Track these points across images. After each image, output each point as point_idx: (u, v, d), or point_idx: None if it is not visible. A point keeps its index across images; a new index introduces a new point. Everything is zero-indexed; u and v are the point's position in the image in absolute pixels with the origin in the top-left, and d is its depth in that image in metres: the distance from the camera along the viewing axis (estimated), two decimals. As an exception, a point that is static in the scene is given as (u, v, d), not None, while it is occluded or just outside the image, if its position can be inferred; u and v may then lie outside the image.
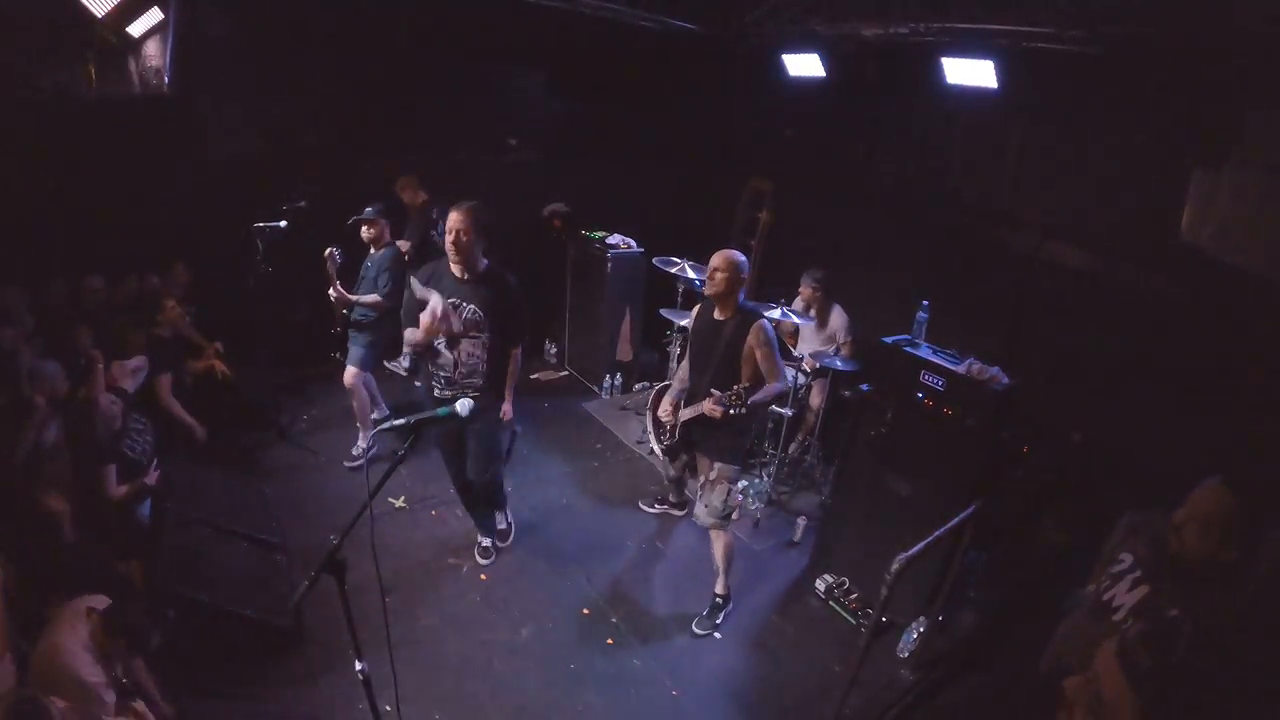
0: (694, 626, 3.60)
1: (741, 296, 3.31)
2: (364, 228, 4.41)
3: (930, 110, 4.99)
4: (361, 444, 4.73)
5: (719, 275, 3.22)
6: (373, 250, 4.49)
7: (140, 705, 2.34)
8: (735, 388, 3.09)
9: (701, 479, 3.56)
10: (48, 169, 4.53)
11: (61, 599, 2.35)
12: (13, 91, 4.48)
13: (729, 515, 3.50)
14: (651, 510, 4.57)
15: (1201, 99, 3.52)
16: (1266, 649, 1.77)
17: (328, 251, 4.23)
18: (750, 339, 3.21)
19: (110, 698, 2.22)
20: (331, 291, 4.32)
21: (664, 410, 3.59)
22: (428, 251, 4.98)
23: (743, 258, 3.28)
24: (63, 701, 1.96)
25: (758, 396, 3.17)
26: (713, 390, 3.16)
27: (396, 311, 3.73)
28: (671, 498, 4.50)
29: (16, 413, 3.09)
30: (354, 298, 4.39)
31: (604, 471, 5.04)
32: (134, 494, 3.39)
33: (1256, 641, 1.78)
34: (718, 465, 3.42)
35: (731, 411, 3.08)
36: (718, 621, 3.63)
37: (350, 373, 4.50)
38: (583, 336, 6.32)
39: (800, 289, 4.87)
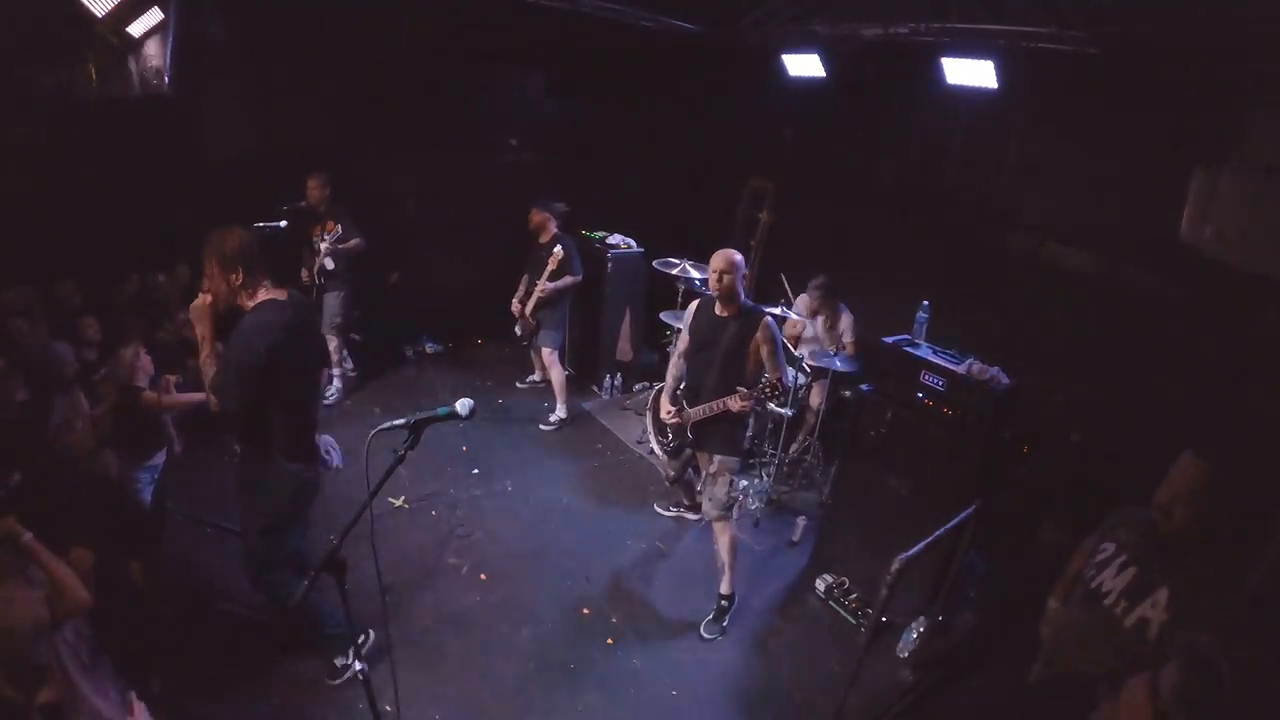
0: (702, 631, 3.59)
1: (742, 293, 3.33)
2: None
3: (930, 110, 4.99)
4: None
5: (726, 278, 3.23)
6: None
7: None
8: (765, 379, 3.14)
9: (703, 474, 3.56)
10: (48, 169, 4.53)
11: None
12: (13, 91, 4.48)
13: (731, 506, 3.52)
14: (667, 514, 4.56)
15: (1201, 99, 3.52)
16: (1267, 650, 1.78)
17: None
18: (758, 335, 3.26)
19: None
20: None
21: (666, 413, 3.57)
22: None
23: (739, 255, 3.30)
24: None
25: None
26: (739, 389, 3.19)
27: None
28: (685, 501, 4.49)
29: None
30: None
31: (604, 471, 5.03)
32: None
33: (1259, 643, 1.79)
34: (718, 458, 3.44)
35: (771, 405, 3.11)
36: (725, 624, 3.63)
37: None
38: (583, 336, 6.31)
39: (807, 298, 4.89)
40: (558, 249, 5.06)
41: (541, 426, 5.46)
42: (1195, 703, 1.57)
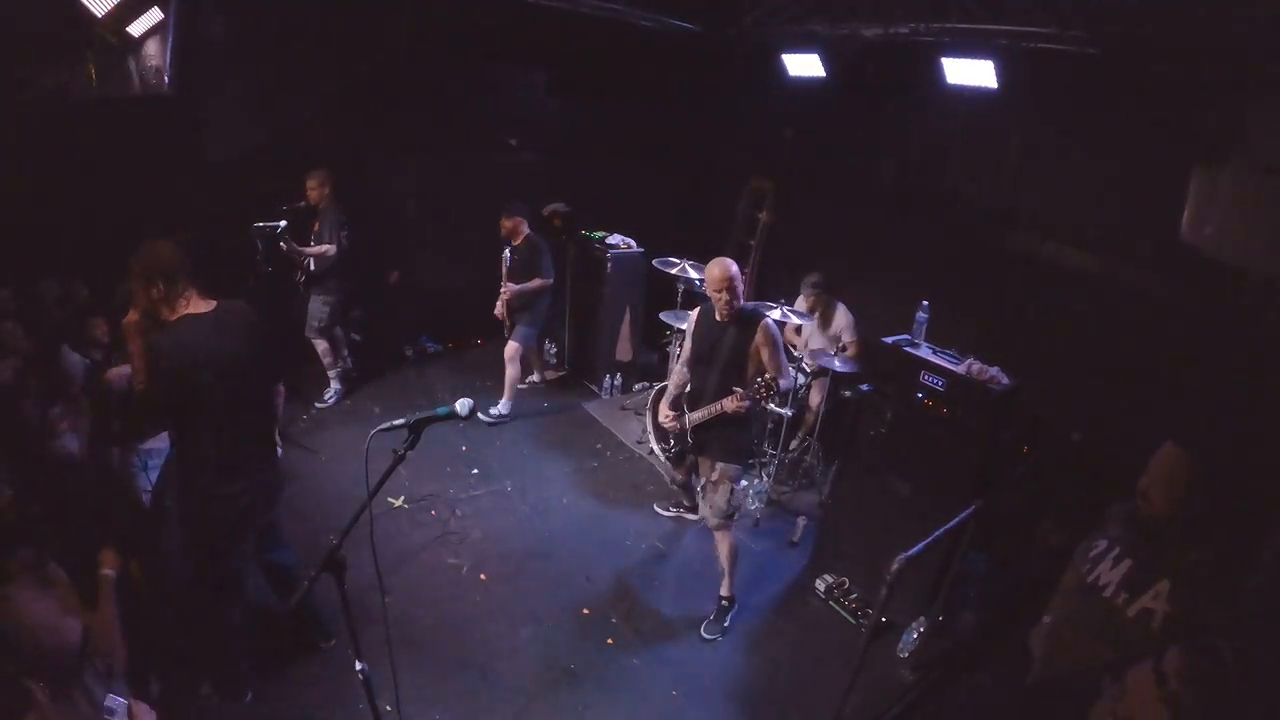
0: (703, 632, 3.59)
1: (740, 298, 3.33)
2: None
3: (930, 110, 4.99)
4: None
5: (725, 293, 3.22)
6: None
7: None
8: (761, 379, 3.12)
9: (703, 480, 3.55)
10: (48, 169, 4.53)
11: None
12: (13, 91, 4.48)
13: (732, 515, 3.52)
14: (667, 514, 4.56)
15: (1201, 99, 3.52)
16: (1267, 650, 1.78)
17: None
18: (758, 337, 3.26)
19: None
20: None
21: (664, 417, 3.57)
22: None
23: (734, 264, 3.30)
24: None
25: None
26: (735, 389, 3.18)
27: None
28: (685, 501, 4.49)
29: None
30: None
31: (604, 471, 5.03)
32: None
33: (1260, 642, 1.79)
34: (720, 465, 3.43)
35: (764, 405, 3.10)
36: (725, 625, 3.63)
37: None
38: (583, 336, 6.31)
39: (802, 296, 4.89)
40: (505, 253, 5.26)
41: (481, 415, 5.36)
42: (1201, 683, 1.59)
